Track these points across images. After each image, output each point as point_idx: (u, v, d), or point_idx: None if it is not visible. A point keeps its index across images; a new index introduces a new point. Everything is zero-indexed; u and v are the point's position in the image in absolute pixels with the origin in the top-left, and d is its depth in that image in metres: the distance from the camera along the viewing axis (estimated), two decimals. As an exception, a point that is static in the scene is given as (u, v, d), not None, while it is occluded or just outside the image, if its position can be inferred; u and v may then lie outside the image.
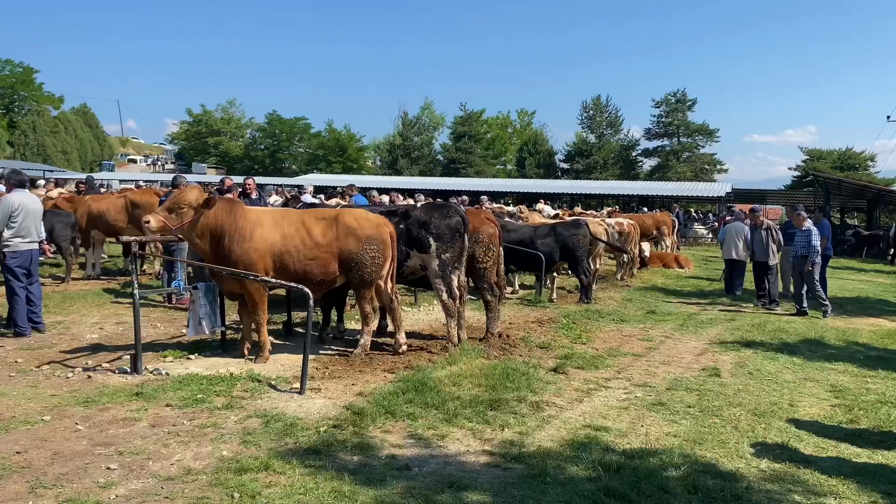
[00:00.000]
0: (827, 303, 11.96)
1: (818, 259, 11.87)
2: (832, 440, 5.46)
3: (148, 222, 6.82)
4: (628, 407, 6.14)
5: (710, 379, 7.24)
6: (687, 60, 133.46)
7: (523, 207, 18.62)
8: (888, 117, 48.40)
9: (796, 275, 12.15)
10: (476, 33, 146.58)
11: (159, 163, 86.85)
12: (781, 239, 13.03)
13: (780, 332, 10.11)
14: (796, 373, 7.71)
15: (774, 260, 12.21)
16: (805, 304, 11.90)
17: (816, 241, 11.85)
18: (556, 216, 17.13)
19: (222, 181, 12.43)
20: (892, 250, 26.90)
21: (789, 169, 62.04)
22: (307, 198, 14.08)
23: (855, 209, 45.30)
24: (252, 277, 6.86)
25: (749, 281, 14.35)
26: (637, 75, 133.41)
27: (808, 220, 12.21)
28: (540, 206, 21.70)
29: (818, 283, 12.01)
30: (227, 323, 7.89)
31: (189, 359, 7.30)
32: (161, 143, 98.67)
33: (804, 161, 59.41)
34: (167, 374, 6.61)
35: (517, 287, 13.80)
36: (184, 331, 8.18)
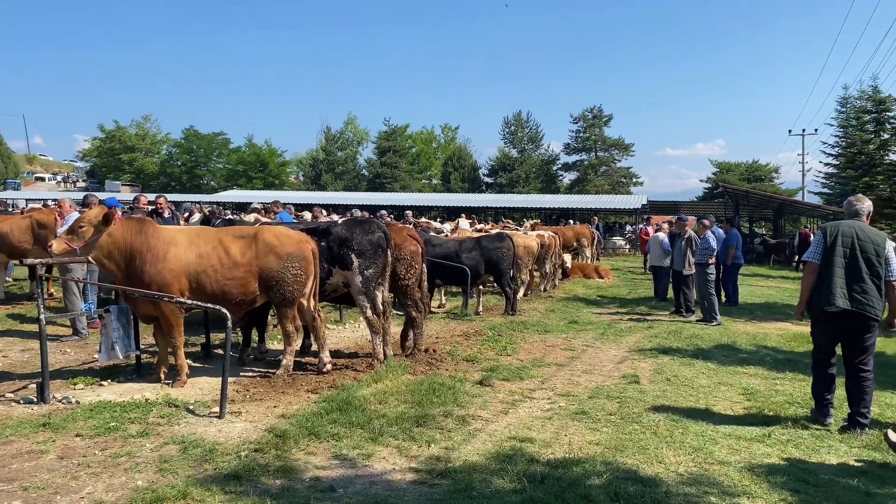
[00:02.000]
0: (717, 316, 12.32)
1: (712, 268, 12.53)
2: (745, 441, 5.68)
3: (51, 246, 6.52)
4: (552, 417, 6.22)
5: (630, 386, 7.43)
6: (603, 78, 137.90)
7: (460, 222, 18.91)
8: (790, 131, 51.46)
9: (702, 284, 12.65)
10: (398, 49, 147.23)
11: (70, 181, 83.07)
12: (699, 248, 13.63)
13: (696, 339, 10.49)
14: (711, 377, 8.01)
15: (689, 270, 12.71)
16: (717, 314, 12.36)
17: (713, 244, 12.57)
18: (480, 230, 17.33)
19: (136, 199, 11.99)
20: (796, 257, 28.47)
21: (701, 181, 64.71)
22: (284, 215, 13.78)
23: (762, 219, 47.72)
24: (167, 299, 6.62)
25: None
26: (556, 91, 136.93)
27: (709, 229, 12.83)
28: (461, 220, 21.90)
29: (713, 293, 12.57)
30: (141, 346, 7.59)
31: (101, 385, 6.96)
32: (71, 161, 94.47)
33: (714, 173, 62.13)
34: (77, 402, 6.29)
35: (443, 301, 13.85)
36: (95, 356, 7.79)
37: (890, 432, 5.29)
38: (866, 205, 6.24)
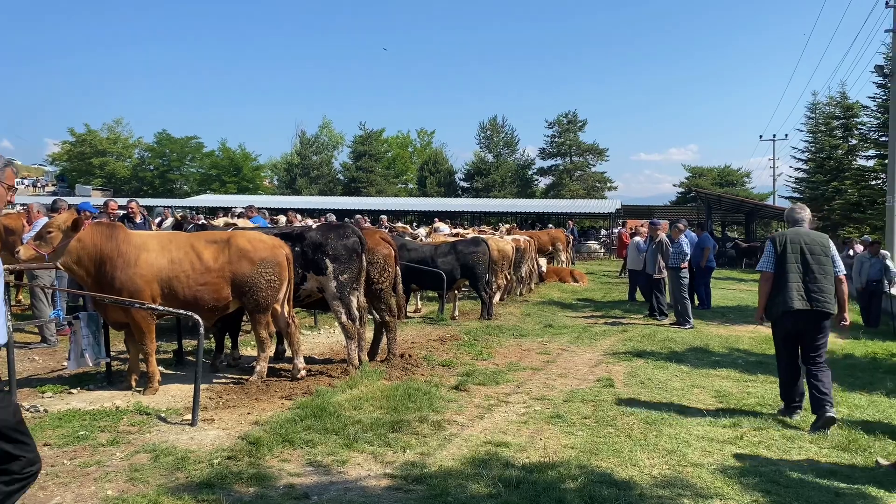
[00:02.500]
0: (690, 319, 12.47)
1: (685, 272, 12.68)
2: (718, 443, 5.74)
3: (18, 252, 6.39)
4: (527, 421, 6.24)
5: (605, 389, 7.47)
6: (578, 83, 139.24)
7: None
8: (760, 137, 52.22)
9: (676, 288, 12.77)
10: (374, 53, 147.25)
11: (39, 185, 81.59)
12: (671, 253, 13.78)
13: (669, 342, 10.59)
14: (684, 380, 8.08)
15: (661, 274, 12.83)
16: (690, 318, 12.48)
17: (686, 248, 12.72)
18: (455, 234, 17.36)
19: (106, 203, 11.81)
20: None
21: (674, 186, 65.47)
22: (258, 220, 13.55)
23: (734, 223, 48.39)
24: (138, 305, 6.53)
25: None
26: (531, 97, 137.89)
27: (683, 233, 12.98)
28: (437, 224, 21.90)
29: (686, 296, 12.71)
30: (112, 354, 7.46)
31: (70, 393, 6.83)
32: (40, 165, 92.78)
33: (687, 178, 62.83)
34: (45, 410, 6.16)
35: (419, 305, 13.83)
36: (65, 364, 7.66)
37: (880, 459, 5.38)
38: (807, 213, 6.79)
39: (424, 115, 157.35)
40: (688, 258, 12.75)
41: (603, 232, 42.02)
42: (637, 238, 15.61)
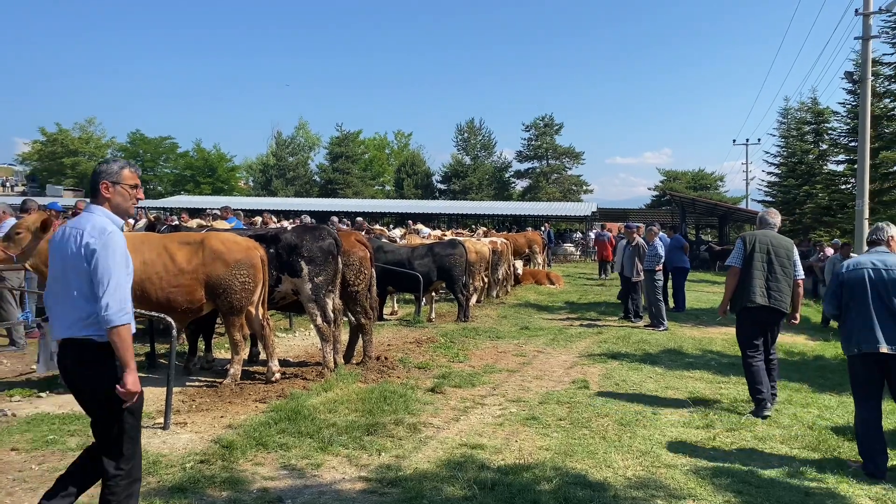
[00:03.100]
0: (664, 321, 12.57)
1: (660, 275, 12.80)
2: (690, 444, 5.80)
3: (-15, 252, 6.27)
4: (503, 423, 6.25)
5: (580, 391, 7.51)
6: (554, 86, 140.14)
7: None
8: (734, 141, 53.00)
9: (650, 290, 12.88)
10: (351, 54, 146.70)
11: (8, 185, 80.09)
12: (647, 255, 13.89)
13: (643, 344, 10.68)
14: (658, 382, 8.16)
15: (638, 277, 12.94)
16: (664, 320, 12.59)
17: (661, 251, 12.84)
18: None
19: (76, 204, 11.63)
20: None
21: (649, 189, 66.07)
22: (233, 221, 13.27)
23: (708, 226, 48.97)
24: (109, 307, 6.41)
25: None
26: (508, 100, 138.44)
27: (657, 236, 13.12)
28: (419, 226, 21.86)
29: (661, 298, 12.83)
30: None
31: (39, 397, 6.71)
32: (10, 164, 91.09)
33: (662, 181, 63.45)
34: (13, 414, 6.05)
35: (396, 308, 13.80)
36: (34, 367, 7.53)
37: (850, 461, 5.47)
38: (778, 219, 7.27)
39: (402, 117, 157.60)
40: (662, 260, 12.87)
41: (578, 234, 42.29)
42: (623, 241, 15.65)
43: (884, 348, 5.20)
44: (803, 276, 7.09)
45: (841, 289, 5.57)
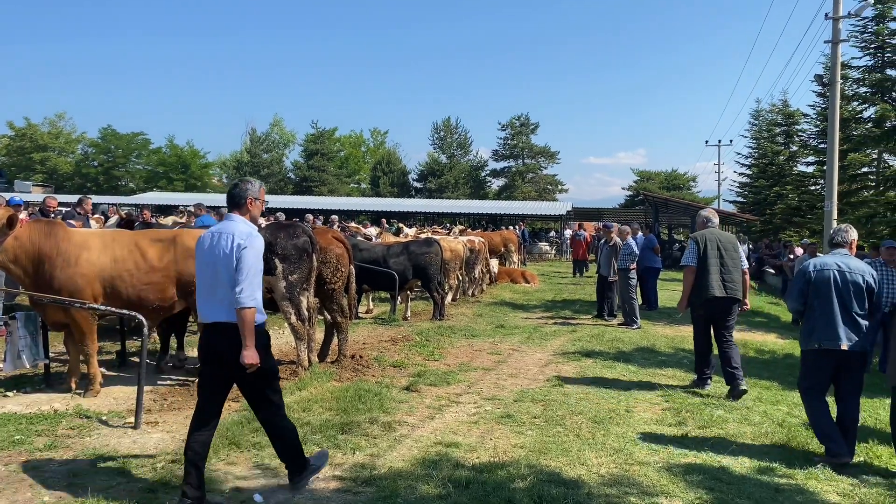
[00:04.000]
0: (637, 320, 12.67)
1: (633, 273, 12.89)
2: (663, 442, 5.86)
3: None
4: (478, 421, 6.25)
5: (555, 389, 7.54)
6: (530, 86, 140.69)
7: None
8: (706, 142, 53.67)
9: (624, 288, 12.98)
10: (326, 51, 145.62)
11: (-26, 180, 78.38)
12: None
13: (617, 342, 10.76)
14: (631, 380, 8.22)
15: (614, 277, 13.04)
16: (637, 318, 12.69)
17: (636, 250, 12.98)
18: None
19: (44, 200, 11.40)
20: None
21: (623, 189, 66.65)
22: (207, 218, 12.67)
23: (681, 225, 49.48)
24: (78, 305, 6.32)
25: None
26: (484, 99, 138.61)
27: (630, 235, 13.24)
28: (400, 226, 21.82)
29: (634, 297, 12.94)
30: (51, 355, 7.21)
31: (6, 396, 6.58)
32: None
33: (636, 181, 64.07)
34: (-22, 415, 5.92)
35: (371, 306, 13.75)
36: (0, 365, 7.37)
37: (818, 457, 5.59)
38: (717, 219, 8.09)
39: (378, 115, 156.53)
40: (636, 259, 12.98)
41: (553, 233, 42.50)
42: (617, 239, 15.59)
43: (844, 345, 5.60)
44: (748, 265, 7.88)
45: (808, 287, 5.83)
